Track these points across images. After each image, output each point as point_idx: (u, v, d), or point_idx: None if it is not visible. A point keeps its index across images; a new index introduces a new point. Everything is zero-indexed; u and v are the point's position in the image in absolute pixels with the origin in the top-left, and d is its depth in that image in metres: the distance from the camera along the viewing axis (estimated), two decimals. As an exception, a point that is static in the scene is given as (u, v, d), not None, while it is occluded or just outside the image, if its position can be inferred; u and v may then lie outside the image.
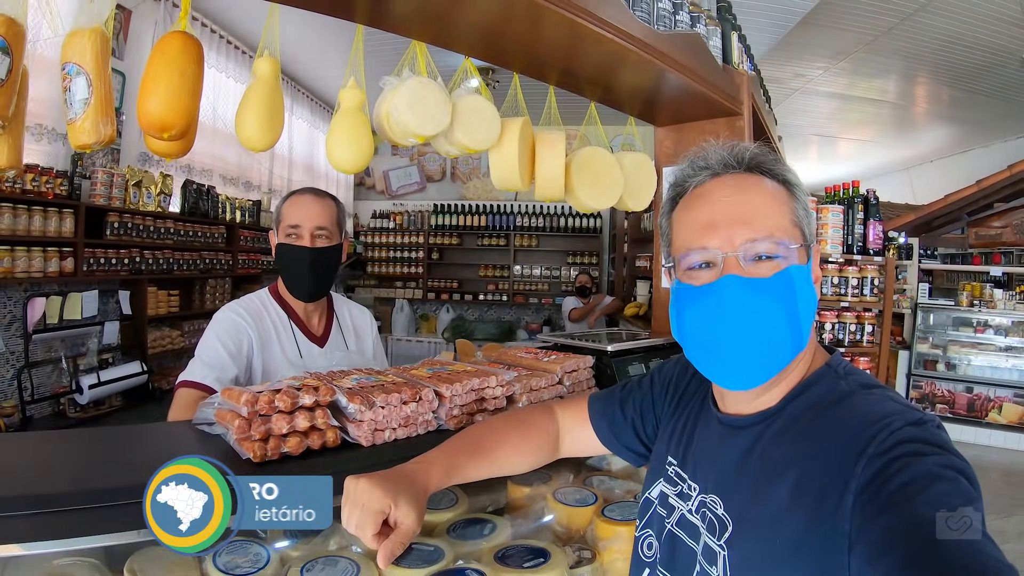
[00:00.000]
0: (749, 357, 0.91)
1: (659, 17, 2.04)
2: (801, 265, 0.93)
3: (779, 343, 0.91)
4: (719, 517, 0.94)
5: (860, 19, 6.25)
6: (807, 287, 0.94)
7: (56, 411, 4.55)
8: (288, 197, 1.98)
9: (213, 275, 6.41)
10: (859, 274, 3.80)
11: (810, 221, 0.98)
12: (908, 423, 0.79)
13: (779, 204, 0.95)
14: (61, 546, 0.99)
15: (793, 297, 0.91)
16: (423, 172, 10.81)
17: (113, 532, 1.02)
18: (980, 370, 7.41)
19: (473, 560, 1.29)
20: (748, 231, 0.92)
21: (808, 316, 0.93)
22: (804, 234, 0.96)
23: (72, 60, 1.33)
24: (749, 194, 0.96)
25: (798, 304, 0.91)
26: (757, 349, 0.91)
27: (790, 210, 0.95)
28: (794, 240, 0.93)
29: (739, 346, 0.92)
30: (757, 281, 0.91)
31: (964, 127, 9.84)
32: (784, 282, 0.91)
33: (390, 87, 1.76)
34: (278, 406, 1.25)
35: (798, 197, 0.97)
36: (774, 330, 0.90)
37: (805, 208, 0.97)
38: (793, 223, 0.95)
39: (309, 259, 1.92)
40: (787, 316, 0.91)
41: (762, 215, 0.94)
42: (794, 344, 0.92)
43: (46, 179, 4.28)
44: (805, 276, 0.94)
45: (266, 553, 1.23)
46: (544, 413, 1.35)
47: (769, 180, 0.97)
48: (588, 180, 2.23)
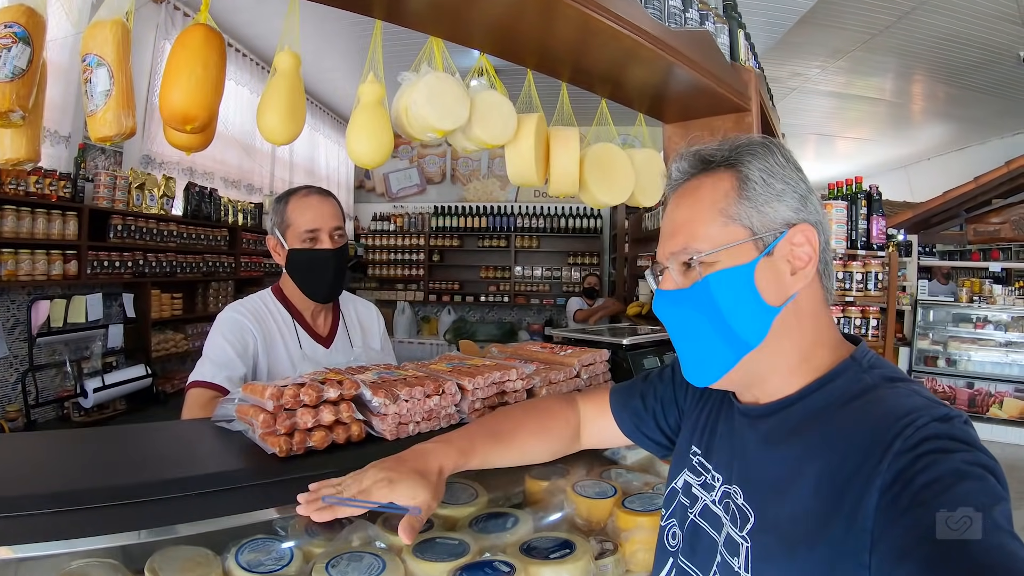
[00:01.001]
0: (689, 359, 1.00)
1: (670, 14, 2.05)
2: (733, 267, 0.91)
3: (709, 347, 0.95)
4: (740, 508, 0.93)
5: (857, 18, 6.27)
6: (739, 289, 0.91)
7: (60, 415, 4.56)
8: (289, 198, 1.96)
9: (216, 278, 6.42)
10: (863, 269, 3.82)
11: (763, 211, 0.93)
12: (934, 419, 0.76)
13: (708, 207, 0.94)
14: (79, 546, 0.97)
15: (713, 304, 0.92)
16: (423, 174, 10.82)
17: (133, 531, 1.01)
18: (980, 365, 7.42)
19: (499, 552, 1.30)
20: (670, 244, 0.97)
21: (745, 318, 0.91)
22: (750, 227, 0.92)
23: (93, 51, 1.32)
24: (682, 205, 0.99)
25: (722, 309, 0.91)
26: (692, 353, 0.99)
27: (721, 209, 0.93)
28: (717, 242, 0.92)
29: (681, 349, 1.01)
30: (673, 293, 0.97)
31: (961, 124, 9.87)
32: (700, 291, 0.93)
33: (408, 82, 1.76)
34: (303, 400, 1.25)
35: (745, 187, 0.94)
36: (699, 337, 0.96)
37: (755, 198, 0.93)
38: (726, 221, 0.93)
39: (333, 261, 1.92)
40: (710, 323, 0.93)
41: (682, 226, 0.96)
42: (730, 347, 0.92)
43: (49, 181, 4.29)
44: (737, 278, 0.91)
45: (289, 549, 1.22)
46: (565, 403, 1.36)
47: (720, 173, 0.96)
48: (600, 176, 2.24)
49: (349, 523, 1.31)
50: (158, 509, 1.04)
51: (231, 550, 1.15)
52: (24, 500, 0.99)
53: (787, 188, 0.94)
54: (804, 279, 0.92)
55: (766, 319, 0.91)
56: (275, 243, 1.97)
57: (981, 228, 9.02)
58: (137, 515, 1.03)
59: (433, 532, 1.35)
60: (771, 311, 0.91)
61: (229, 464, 1.21)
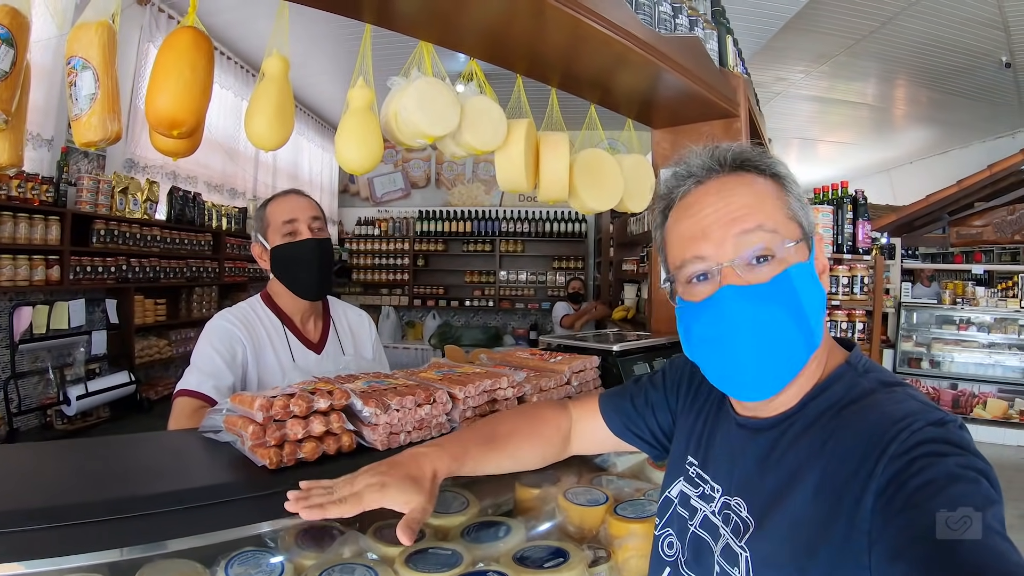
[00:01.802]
0: (761, 368, 0.89)
1: (660, 20, 2.05)
2: (802, 262, 0.90)
3: (790, 349, 0.88)
4: (743, 519, 0.93)
5: (841, 23, 6.34)
6: (812, 284, 0.90)
7: (43, 423, 4.50)
8: (269, 201, 1.96)
9: (200, 283, 6.36)
10: (849, 273, 3.85)
11: (807, 213, 0.94)
12: (929, 423, 0.77)
13: (769, 198, 0.92)
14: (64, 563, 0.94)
15: (796, 298, 0.88)
16: (407, 179, 10.81)
17: (120, 547, 0.99)
18: (964, 367, 7.50)
19: (492, 563, 1.28)
20: (737, 226, 0.89)
21: (817, 314, 0.89)
22: (802, 227, 0.92)
23: (78, 54, 1.30)
24: (735, 194, 0.92)
25: (803, 304, 0.88)
26: (768, 359, 0.88)
27: (783, 204, 0.92)
28: (790, 235, 0.90)
29: (749, 358, 0.89)
30: (756, 288, 0.88)
31: (943, 128, 9.99)
32: (785, 284, 0.88)
33: (398, 87, 1.75)
34: (293, 411, 1.22)
35: (790, 189, 0.94)
36: (782, 336, 0.88)
37: (800, 200, 0.94)
38: (788, 217, 0.91)
39: (316, 250, 1.89)
40: (794, 320, 0.88)
41: (751, 209, 0.90)
42: (806, 346, 0.89)
43: (32, 185, 4.24)
44: (808, 273, 0.90)
45: (279, 563, 1.20)
46: (557, 408, 1.35)
47: (757, 176, 0.94)
48: (590, 181, 2.23)
49: (340, 534, 1.30)
50: (146, 524, 1.02)
51: (220, 564, 1.13)
52: (6, 516, 0.96)
53: (807, 196, 0.97)
54: (826, 283, 0.95)
55: (824, 315, 0.93)
56: (259, 249, 1.95)
57: (964, 231, 9.13)
58: (124, 531, 1.00)
59: (425, 542, 1.33)
60: (824, 308, 0.93)
61: (219, 477, 1.19)
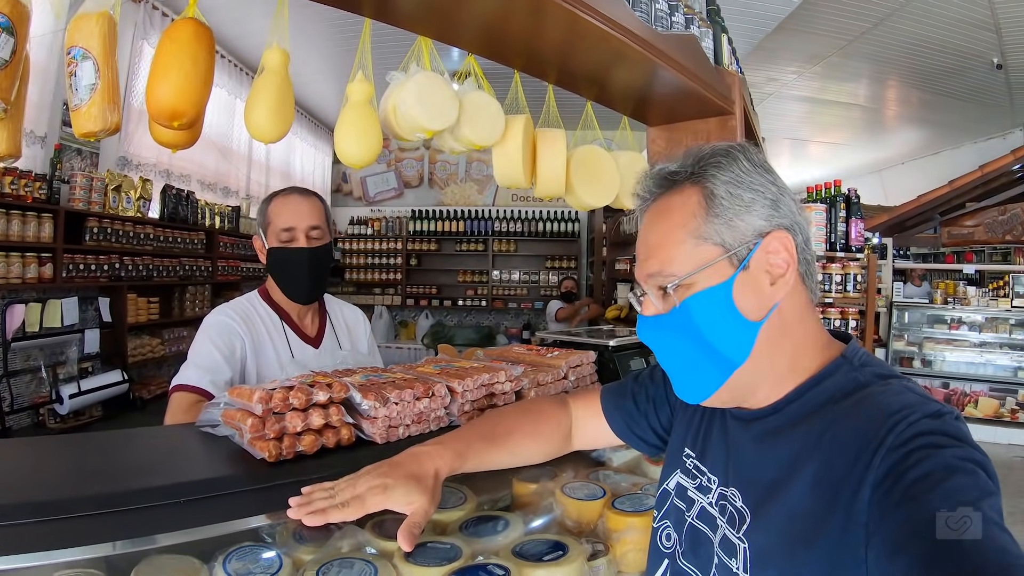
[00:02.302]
0: (678, 380, 0.99)
1: (657, 18, 2.05)
2: (711, 288, 0.90)
3: (697, 369, 0.94)
4: (738, 509, 0.93)
5: (833, 24, 6.36)
6: (719, 309, 0.90)
7: (36, 422, 4.47)
8: (272, 199, 1.95)
9: (193, 282, 6.33)
10: (842, 271, 3.87)
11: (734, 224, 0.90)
12: (926, 415, 0.77)
13: (677, 228, 0.92)
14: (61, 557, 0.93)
15: (694, 327, 0.91)
16: (400, 178, 10.79)
17: (117, 540, 0.98)
18: (955, 366, 7.56)
19: (491, 556, 1.29)
20: (645, 266, 0.96)
21: (727, 337, 0.90)
22: (722, 245, 0.90)
23: (79, 44, 1.29)
24: (653, 227, 0.97)
25: (703, 331, 0.91)
26: (681, 375, 0.98)
27: (691, 229, 0.91)
28: (691, 266, 0.90)
29: (669, 370, 1.00)
30: (654, 319, 0.96)
31: (935, 129, 10.04)
32: (680, 316, 0.92)
33: (397, 82, 1.75)
34: (292, 403, 1.22)
35: (711, 202, 0.91)
36: (686, 359, 0.95)
37: (722, 214, 0.91)
38: (697, 242, 0.91)
39: (308, 261, 1.89)
40: (694, 345, 0.92)
41: (654, 250, 0.95)
42: (716, 367, 0.92)
43: (25, 183, 4.22)
44: (716, 298, 0.90)
45: (278, 557, 1.20)
46: (557, 405, 1.35)
47: (684, 190, 0.94)
48: (586, 178, 2.24)
49: (339, 529, 1.30)
50: (143, 518, 1.01)
51: (218, 559, 1.12)
52: (3, 510, 0.96)
53: (756, 196, 0.92)
54: (785, 287, 0.91)
55: (749, 335, 0.90)
56: (260, 244, 1.95)
57: (955, 231, 9.17)
58: (121, 524, 1.00)
59: (424, 536, 1.33)
60: (753, 327, 0.90)
61: (218, 470, 1.19)
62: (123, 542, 0.99)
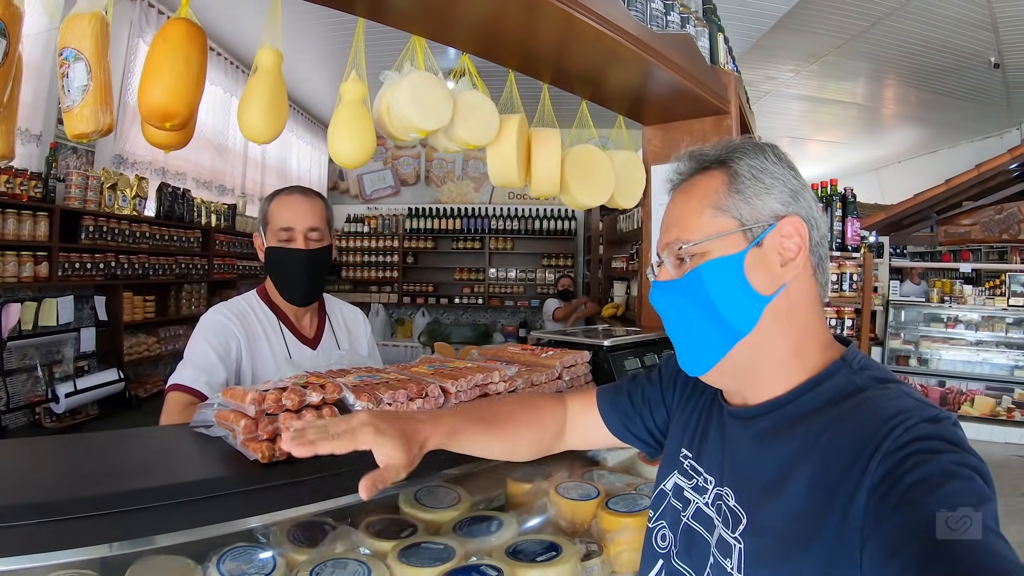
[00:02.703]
0: (683, 348, 1.02)
1: (652, 17, 2.05)
2: (723, 257, 0.94)
3: (703, 337, 0.97)
4: (732, 509, 0.93)
5: (831, 23, 6.35)
6: (730, 278, 0.93)
7: (32, 421, 4.45)
8: (274, 197, 1.94)
9: (189, 280, 6.32)
10: (838, 270, 3.87)
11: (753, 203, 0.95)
12: (923, 420, 0.77)
13: (699, 201, 0.98)
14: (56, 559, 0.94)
15: (704, 293, 0.94)
16: (397, 176, 10.77)
17: (112, 542, 0.98)
18: (952, 364, 7.57)
19: (485, 556, 1.29)
20: (665, 237, 1.02)
21: (735, 307, 0.93)
22: (739, 219, 0.95)
23: (71, 45, 1.28)
24: (677, 202, 1.03)
25: (712, 298, 0.94)
26: (686, 342, 1.01)
27: (712, 202, 0.97)
28: (706, 234, 0.96)
29: (674, 339, 1.03)
30: (667, 284, 1.01)
31: (932, 128, 10.04)
32: (693, 281, 0.96)
33: (390, 81, 1.75)
34: (285, 404, 1.22)
35: (734, 181, 0.97)
36: (692, 325, 0.98)
37: (744, 191, 0.96)
38: (715, 214, 0.96)
39: (304, 262, 1.89)
40: (701, 312, 0.95)
41: (680, 219, 1.00)
42: (721, 336, 0.95)
43: (20, 181, 4.20)
44: (728, 268, 0.94)
45: (271, 557, 1.20)
46: (553, 400, 1.35)
47: (711, 172, 1.00)
48: (581, 177, 2.24)
49: (332, 530, 1.30)
50: (138, 519, 1.01)
51: (212, 559, 1.13)
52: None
53: (776, 183, 0.96)
54: (794, 270, 0.94)
55: (756, 307, 0.93)
56: (260, 242, 1.95)
57: (952, 230, 9.19)
58: (116, 526, 1.00)
59: (418, 537, 1.33)
60: (761, 299, 0.93)
61: (211, 471, 1.18)
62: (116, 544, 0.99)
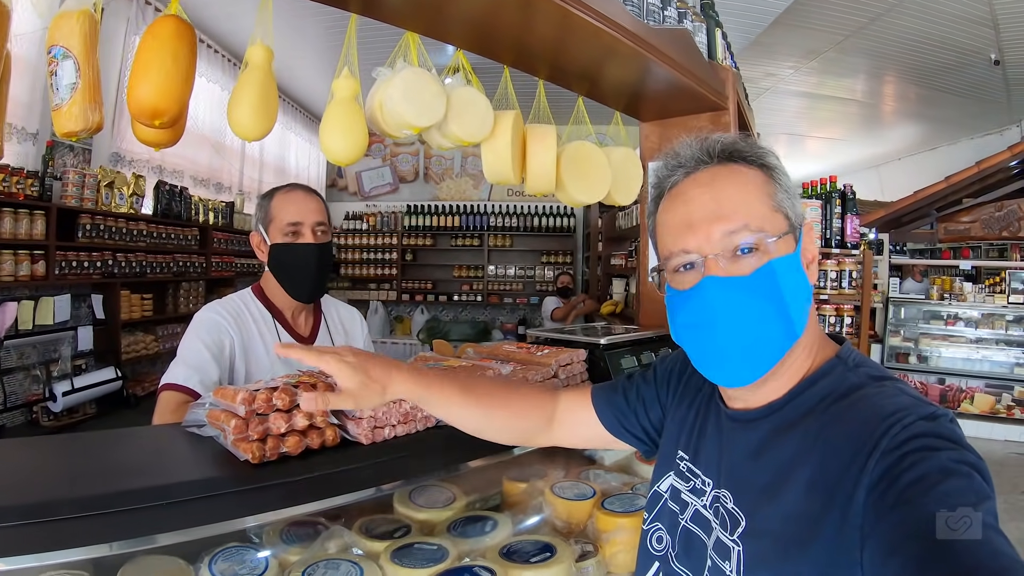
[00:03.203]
0: (740, 355, 0.91)
1: (649, 12, 2.04)
2: (786, 255, 0.91)
3: (769, 338, 0.90)
4: (730, 511, 0.93)
5: (831, 20, 6.34)
6: (795, 277, 0.91)
7: (29, 420, 4.46)
8: (274, 194, 1.92)
9: (187, 278, 6.32)
10: (837, 267, 3.87)
11: (795, 204, 0.95)
12: (921, 417, 0.77)
13: (756, 192, 0.93)
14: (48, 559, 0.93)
15: (778, 291, 0.89)
16: (395, 173, 10.76)
17: (104, 543, 0.98)
18: (951, 362, 7.58)
19: (478, 557, 1.28)
20: (723, 224, 0.91)
21: (799, 307, 0.91)
22: (789, 219, 0.93)
23: (59, 43, 1.27)
24: (723, 187, 0.94)
25: (785, 297, 0.89)
26: (747, 347, 0.91)
27: (768, 196, 0.93)
28: (774, 229, 0.91)
29: (729, 346, 0.91)
30: (736, 280, 0.90)
31: (932, 125, 10.04)
32: (766, 277, 0.89)
33: (383, 78, 1.73)
34: (276, 404, 1.21)
35: (778, 180, 0.95)
36: (761, 327, 0.90)
37: (788, 191, 0.94)
38: (774, 209, 0.92)
39: (316, 256, 1.87)
40: (774, 311, 0.89)
41: (737, 206, 0.92)
42: (786, 337, 0.91)
43: (16, 180, 4.20)
44: (792, 266, 0.91)
45: (264, 558, 1.19)
46: (545, 391, 1.34)
47: (745, 167, 0.95)
48: (577, 174, 2.23)
49: (325, 530, 1.29)
50: (129, 520, 1.00)
51: (204, 560, 1.13)
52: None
53: (797, 188, 0.98)
54: (816, 271, 0.96)
55: (808, 307, 0.94)
56: (259, 240, 1.92)
57: (952, 227, 9.16)
58: (108, 527, 0.99)
59: (411, 537, 1.33)
60: (810, 300, 0.94)
61: (201, 472, 1.17)
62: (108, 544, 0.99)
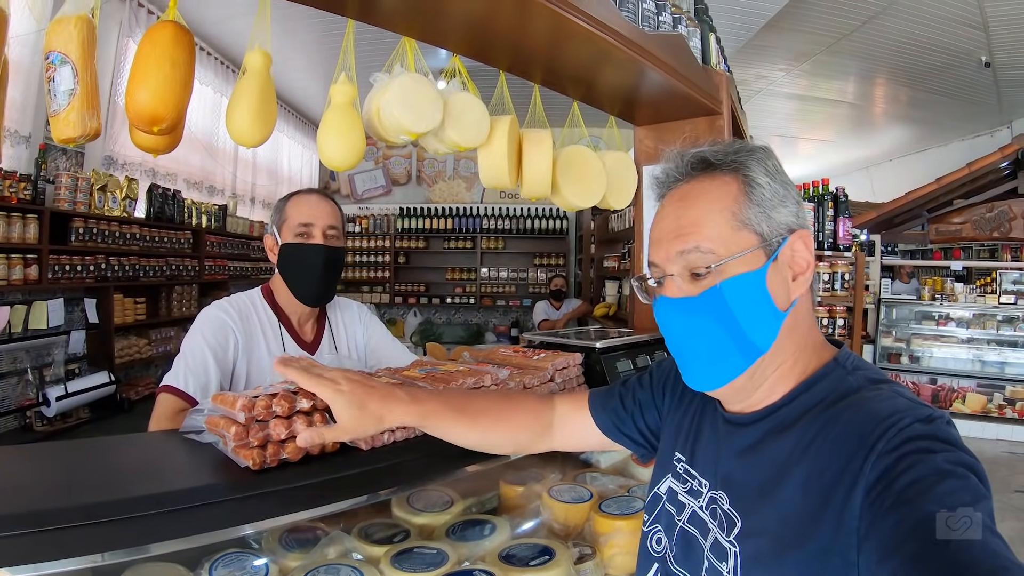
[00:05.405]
0: (699, 367, 0.97)
1: (644, 17, 2.05)
2: (745, 274, 0.91)
3: (723, 356, 0.93)
4: (726, 513, 0.94)
5: (822, 23, 6.38)
6: (753, 295, 0.91)
7: (22, 425, 4.42)
8: (291, 197, 1.92)
9: (180, 281, 6.28)
10: (830, 269, 3.89)
11: (773, 215, 0.93)
12: (917, 420, 0.77)
13: (719, 210, 0.93)
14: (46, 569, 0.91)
15: (727, 312, 0.90)
16: (388, 175, 10.74)
17: (103, 551, 0.97)
18: (943, 362, 7.64)
19: (478, 561, 1.28)
20: (679, 244, 0.94)
21: (759, 324, 0.91)
22: (760, 234, 0.92)
23: (57, 48, 1.27)
24: (689, 205, 0.96)
25: (737, 317, 0.90)
26: (701, 360, 0.96)
27: (732, 213, 0.92)
28: (731, 248, 0.91)
29: (687, 356, 0.98)
30: (684, 302, 0.94)
31: (923, 127, 10.09)
32: (714, 299, 0.91)
33: (381, 84, 1.74)
34: (276, 411, 1.21)
35: (752, 192, 0.93)
36: (712, 346, 0.93)
37: (763, 203, 0.93)
38: (736, 228, 0.92)
39: (324, 258, 1.86)
40: (724, 332, 0.91)
41: (695, 226, 0.93)
42: (742, 355, 0.92)
43: (9, 183, 4.17)
44: (751, 284, 0.91)
45: (264, 564, 1.19)
46: (540, 399, 1.35)
47: (721, 178, 0.95)
48: (573, 178, 2.24)
49: (325, 535, 1.29)
50: (128, 528, 1.00)
51: (204, 566, 1.13)
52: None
53: (788, 193, 0.95)
54: (805, 284, 0.94)
55: (776, 324, 0.92)
56: (272, 242, 1.91)
57: (943, 228, 9.21)
58: (106, 535, 0.98)
59: (411, 542, 1.33)
60: (780, 316, 0.92)
61: (202, 479, 1.17)
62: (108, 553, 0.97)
